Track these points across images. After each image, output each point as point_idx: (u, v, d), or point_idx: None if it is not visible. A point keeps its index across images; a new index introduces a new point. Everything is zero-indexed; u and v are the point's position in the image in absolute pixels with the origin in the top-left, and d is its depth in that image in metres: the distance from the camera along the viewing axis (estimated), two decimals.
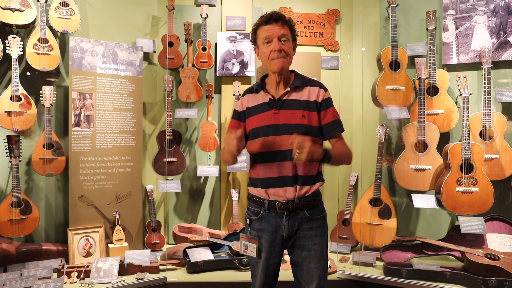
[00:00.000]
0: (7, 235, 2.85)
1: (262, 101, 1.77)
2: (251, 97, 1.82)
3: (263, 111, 1.75)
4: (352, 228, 3.30)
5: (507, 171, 2.92)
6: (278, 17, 1.70)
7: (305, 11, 3.69)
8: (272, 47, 1.69)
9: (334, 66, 3.68)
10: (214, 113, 3.57)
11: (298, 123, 1.69)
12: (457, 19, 3.20)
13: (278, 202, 1.71)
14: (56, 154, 3.03)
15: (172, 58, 3.47)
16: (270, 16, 1.70)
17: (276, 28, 1.69)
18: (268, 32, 1.69)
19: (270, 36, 1.69)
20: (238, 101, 1.85)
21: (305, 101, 1.73)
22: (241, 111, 1.83)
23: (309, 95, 1.74)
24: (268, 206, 1.74)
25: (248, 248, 1.78)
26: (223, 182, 3.61)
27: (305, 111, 1.71)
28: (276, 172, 1.71)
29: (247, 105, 1.81)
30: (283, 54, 1.69)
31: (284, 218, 1.72)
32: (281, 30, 1.69)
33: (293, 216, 1.72)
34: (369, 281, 2.84)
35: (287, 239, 1.75)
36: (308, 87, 1.76)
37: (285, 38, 1.70)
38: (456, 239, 2.98)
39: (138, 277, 2.78)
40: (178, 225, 3.45)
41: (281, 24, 1.70)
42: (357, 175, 3.56)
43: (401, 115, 3.17)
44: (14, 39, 2.84)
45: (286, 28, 1.71)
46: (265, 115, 1.74)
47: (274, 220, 1.74)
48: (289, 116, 1.70)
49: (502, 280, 2.57)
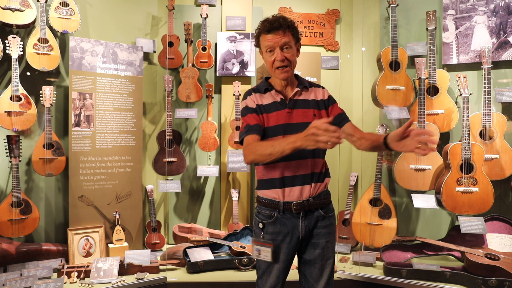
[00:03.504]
0: (7, 235, 2.85)
1: (273, 101, 1.77)
2: (258, 96, 1.80)
3: (277, 109, 1.75)
4: (352, 228, 3.30)
5: (507, 171, 2.92)
6: (279, 25, 1.68)
7: (305, 11, 3.69)
8: (275, 57, 1.70)
9: (334, 66, 3.68)
10: (214, 113, 3.57)
11: (311, 121, 1.61)
12: (457, 19, 3.20)
13: (294, 203, 1.70)
14: (56, 154, 3.03)
15: (172, 58, 3.47)
16: (271, 24, 1.68)
17: (277, 38, 1.68)
18: (270, 42, 1.70)
19: (272, 45, 1.70)
20: (244, 100, 1.80)
21: (314, 100, 1.79)
22: (255, 107, 1.76)
23: (316, 95, 1.81)
24: (283, 208, 1.72)
25: (261, 252, 1.74)
26: (223, 182, 3.61)
27: (315, 110, 1.77)
28: (295, 171, 1.71)
29: (257, 103, 1.78)
30: (286, 63, 1.70)
31: (300, 219, 1.72)
32: (283, 39, 1.69)
33: (309, 216, 1.73)
34: (369, 281, 2.84)
35: (303, 239, 1.75)
36: (313, 87, 1.83)
37: (288, 46, 1.70)
38: (456, 239, 2.98)
39: (138, 277, 2.78)
40: (178, 225, 3.45)
41: (282, 32, 1.68)
42: (357, 175, 3.56)
43: (401, 115, 3.17)
44: (14, 39, 2.84)
45: (288, 34, 1.70)
46: (280, 114, 1.74)
47: (290, 222, 1.72)
48: (302, 115, 1.74)
49: (502, 280, 2.57)
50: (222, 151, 3.60)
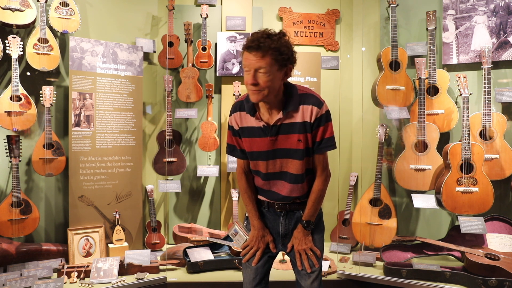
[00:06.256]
0: (7, 235, 2.85)
1: (256, 125, 1.68)
2: (243, 115, 1.71)
3: (259, 136, 1.68)
4: (352, 228, 3.30)
5: (507, 171, 2.92)
6: (259, 46, 1.49)
7: (305, 11, 3.69)
8: (246, 78, 1.55)
9: (334, 66, 3.68)
10: (214, 113, 3.57)
11: (295, 148, 1.65)
12: (457, 19, 3.20)
13: (277, 203, 1.79)
14: (56, 154, 3.03)
15: (172, 58, 3.47)
16: (251, 42, 1.51)
17: (253, 60, 1.51)
18: (245, 61, 1.54)
19: (247, 65, 1.54)
20: (230, 116, 1.76)
21: (300, 123, 1.63)
22: (237, 129, 1.76)
23: (303, 116, 1.62)
24: (267, 205, 1.82)
25: (237, 235, 2.03)
26: (223, 182, 3.61)
27: (300, 135, 1.64)
28: (274, 188, 1.77)
29: (240, 125, 1.73)
30: (258, 87, 1.54)
31: (281, 217, 1.80)
32: (258, 62, 1.50)
33: (290, 215, 1.80)
34: (369, 281, 2.84)
35: (283, 236, 1.82)
36: (302, 106, 1.62)
37: (263, 70, 1.51)
38: (456, 239, 2.98)
39: (138, 277, 2.78)
40: (178, 225, 3.45)
41: (260, 55, 1.49)
42: (357, 175, 3.56)
43: (401, 115, 3.17)
44: (14, 39, 2.84)
45: (268, 58, 1.50)
46: (262, 141, 1.68)
47: (272, 218, 1.83)
48: (286, 141, 1.66)
49: (502, 280, 2.57)
50: (222, 151, 3.60)
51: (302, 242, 1.74)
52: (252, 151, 1.73)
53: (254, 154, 1.74)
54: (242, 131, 1.73)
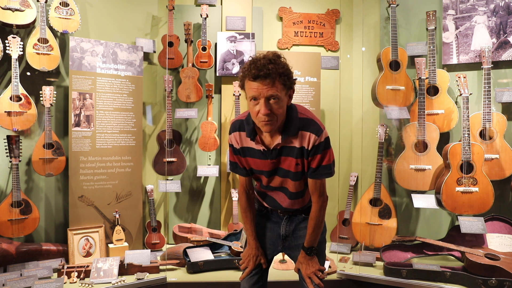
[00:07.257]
0: (7, 235, 2.85)
1: (256, 148, 1.65)
2: (243, 136, 1.68)
3: (259, 158, 1.67)
4: (352, 228, 3.30)
5: (507, 171, 2.92)
6: (268, 74, 1.41)
7: (305, 11, 3.69)
8: (259, 109, 1.47)
9: (334, 66, 3.68)
10: (214, 113, 3.57)
11: (294, 171, 1.65)
12: (457, 19, 3.20)
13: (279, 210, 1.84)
14: (56, 154, 3.03)
15: (172, 58, 3.47)
16: (259, 71, 1.42)
17: (264, 88, 1.43)
18: (254, 92, 1.45)
19: (257, 95, 1.45)
20: (230, 134, 1.72)
21: (298, 148, 1.60)
22: (238, 148, 1.73)
23: (301, 141, 1.59)
24: (270, 210, 1.87)
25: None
26: (223, 182, 3.61)
27: (298, 159, 1.61)
28: (275, 197, 1.81)
29: (241, 145, 1.70)
30: (271, 117, 1.47)
31: (283, 219, 1.84)
32: (270, 91, 1.43)
33: (292, 218, 1.83)
34: (369, 281, 2.84)
35: (284, 238, 1.84)
36: (301, 131, 1.58)
37: (276, 97, 1.45)
38: (456, 239, 2.98)
39: (138, 277, 2.78)
40: (178, 225, 3.45)
41: (270, 82, 1.42)
42: (357, 175, 3.56)
43: (401, 115, 3.17)
44: (14, 39, 2.84)
45: (278, 84, 1.44)
46: (263, 162, 1.67)
47: (275, 219, 1.86)
48: (286, 163, 1.65)
49: (502, 280, 2.57)
50: (222, 151, 3.60)
51: (309, 267, 1.73)
52: (255, 169, 1.75)
53: (257, 171, 1.76)
54: (243, 150, 1.71)
